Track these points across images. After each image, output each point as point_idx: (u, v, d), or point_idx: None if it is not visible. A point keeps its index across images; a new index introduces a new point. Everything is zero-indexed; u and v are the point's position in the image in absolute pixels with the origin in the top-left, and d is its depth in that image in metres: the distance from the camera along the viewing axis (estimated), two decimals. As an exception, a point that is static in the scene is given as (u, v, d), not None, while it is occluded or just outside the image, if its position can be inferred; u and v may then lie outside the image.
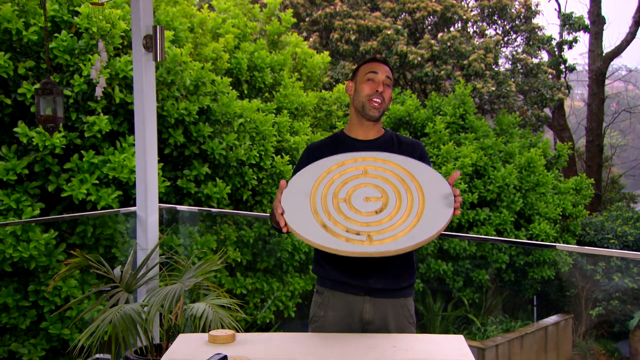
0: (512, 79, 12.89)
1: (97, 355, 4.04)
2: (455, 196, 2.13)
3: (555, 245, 7.67)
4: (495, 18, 13.98)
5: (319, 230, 2.01)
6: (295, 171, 2.58)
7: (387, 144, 2.55)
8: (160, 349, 3.58)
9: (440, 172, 2.25)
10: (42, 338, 4.80)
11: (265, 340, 2.23)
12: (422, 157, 2.55)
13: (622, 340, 8.14)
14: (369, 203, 2.11)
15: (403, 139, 2.60)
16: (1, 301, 4.62)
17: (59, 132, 5.08)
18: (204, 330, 3.22)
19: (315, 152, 2.55)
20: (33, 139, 5.00)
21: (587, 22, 14.96)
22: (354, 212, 2.07)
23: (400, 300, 2.54)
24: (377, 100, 2.48)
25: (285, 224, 2.08)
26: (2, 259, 4.62)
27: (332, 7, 12.86)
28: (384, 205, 2.10)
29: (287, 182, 2.22)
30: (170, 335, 3.50)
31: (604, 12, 15.64)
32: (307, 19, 13.16)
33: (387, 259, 2.47)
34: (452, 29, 13.44)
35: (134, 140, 4.40)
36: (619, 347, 8.05)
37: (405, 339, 2.28)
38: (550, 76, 13.65)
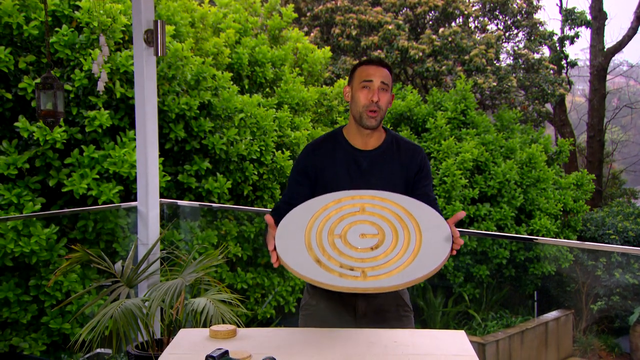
0: (514, 75, 12.87)
1: (98, 350, 4.05)
2: (454, 237, 2.12)
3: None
4: (497, 13, 13.95)
5: (312, 265, 2.00)
6: (294, 169, 2.57)
7: (386, 153, 2.51)
8: (162, 344, 3.58)
9: (441, 214, 2.23)
10: (43, 332, 4.80)
11: (266, 335, 2.23)
12: (422, 166, 2.51)
13: (623, 335, 8.15)
14: (364, 240, 2.09)
15: (403, 145, 2.54)
16: (2, 296, 4.63)
17: (60, 126, 5.08)
18: (205, 325, 3.22)
19: (313, 157, 2.52)
20: (34, 134, 5.00)
21: (588, 17, 14.93)
22: (349, 249, 2.05)
23: (393, 292, 2.53)
24: (374, 110, 2.42)
25: (277, 259, 2.06)
26: (3, 253, 4.62)
27: (333, 2, 12.83)
28: (380, 242, 2.08)
29: (271, 217, 2.18)
30: (171, 330, 3.51)
31: (605, 8, 15.63)
32: (308, 14, 13.14)
33: None
34: (453, 24, 13.41)
35: (135, 135, 4.40)
36: (620, 342, 8.06)
37: (406, 334, 2.28)
38: (551, 71, 13.63)
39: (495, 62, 12.77)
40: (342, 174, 2.48)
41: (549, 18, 42.49)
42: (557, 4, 16.45)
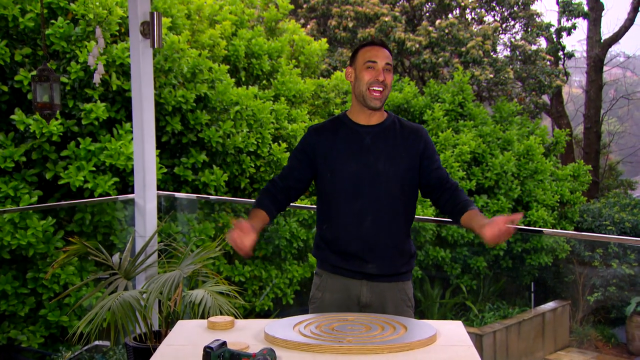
0: (510, 66, 12.85)
1: (97, 342, 4.05)
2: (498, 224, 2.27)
3: (542, 231, 7.71)
4: (494, 5, 13.92)
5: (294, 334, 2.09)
6: (295, 151, 2.59)
7: (389, 129, 2.52)
8: (160, 336, 3.59)
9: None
10: (41, 325, 4.81)
11: (264, 326, 2.23)
12: (427, 144, 2.53)
13: (619, 326, 8.18)
14: (351, 329, 2.17)
15: (406, 124, 2.56)
16: (0, 288, 4.63)
17: (56, 119, 5.07)
18: (202, 317, 3.22)
19: (315, 136, 2.54)
20: (30, 127, 4.98)
21: (585, 8, 14.90)
22: (334, 331, 2.14)
23: (398, 284, 2.55)
24: (379, 89, 2.43)
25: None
26: (1, 246, 4.62)
27: (330, -7, 12.80)
28: (367, 329, 2.16)
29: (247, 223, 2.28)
30: (169, 322, 3.51)
31: (602, -1, 15.58)
32: (304, 6, 13.09)
33: (384, 246, 2.48)
34: (450, 15, 13.38)
35: (132, 128, 4.39)
36: (616, 333, 8.09)
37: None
38: (548, 63, 13.62)
39: (492, 53, 12.75)
40: (343, 151, 2.49)
41: (546, 9, 42.48)
42: (554, -5, 16.42)
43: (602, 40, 15.62)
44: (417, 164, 2.51)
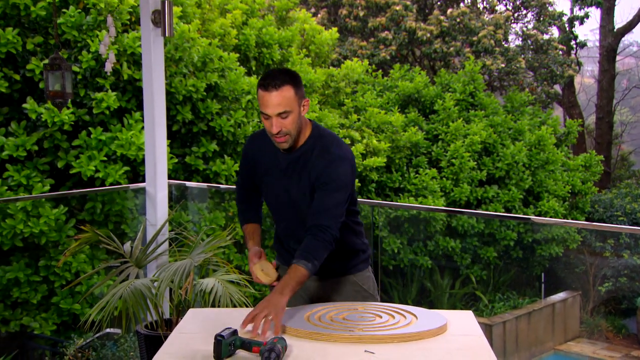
0: (522, 56, 12.77)
1: (108, 330, 4.08)
2: None
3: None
4: (506, -7, 13.82)
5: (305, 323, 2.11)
6: (241, 160, 2.64)
7: (303, 156, 2.39)
8: (171, 324, 3.61)
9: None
10: (53, 312, 4.85)
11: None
12: (321, 174, 2.34)
13: (630, 317, 8.16)
14: (361, 317, 2.19)
15: (319, 147, 2.39)
16: (13, 276, 4.67)
17: (67, 108, 5.09)
18: (213, 305, 3.24)
19: (250, 144, 2.58)
20: (42, 115, 5.01)
21: (598, -3, 14.76)
22: (345, 320, 2.15)
23: (348, 277, 2.56)
24: (280, 137, 2.30)
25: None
26: (13, 234, 4.65)
27: (341, -18, 12.74)
28: (377, 318, 2.18)
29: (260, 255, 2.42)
30: (180, 310, 3.53)
31: (616, -13, 15.43)
32: (315, -5, 13.05)
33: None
34: (461, 4, 13.29)
35: (142, 117, 4.40)
36: (627, 323, 8.06)
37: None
38: (560, 52, 13.51)
39: (503, 43, 12.67)
40: (269, 171, 2.49)
41: (559, -2, 42.01)
42: (566, -16, 16.27)
43: (615, 30, 15.47)
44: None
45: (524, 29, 13.88)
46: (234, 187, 5.97)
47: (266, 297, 2.15)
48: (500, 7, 13.90)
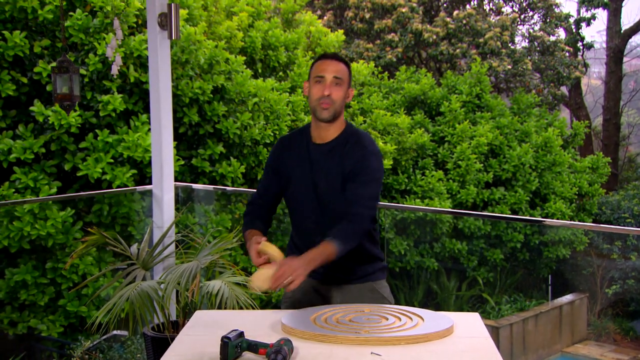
0: (529, 57, 12.74)
1: (115, 332, 4.09)
2: None
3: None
4: (512, -5, 13.80)
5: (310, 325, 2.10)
6: (266, 168, 2.67)
7: (335, 148, 2.46)
8: (177, 326, 3.62)
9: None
10: (61, 315, 4.86)
11: (281, 317, 2.24)
12: (356, 164, 2.40)
13: (638, 319, 8.12)
14: (368, 319, 2.18)
15: (353, 140, 2.46)
16: (20, 278, 4.69)
17: (75, 110, 5.11)
18: (219, 308, 3.24)
19: (278, 149, 2.61)
20: (49, 118, 5.03)
21: (605, -2, 14.72)
22: (351, 322, 2.14)
23: (367, 284, 2.57)
24: (325, 103, 2.40)
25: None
26: (21, 236, 4.67)
27: (347, -16, 12.75)
28: (383, 319, 2.17)
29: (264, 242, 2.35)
30: (186, 312, 3.53)
31: (622, -11, 15.38)
32: (321, -3, 13.06)
33: (343, 258, 2.39)
34: (467, 6, 13.28)
35: (149, 119, 4.41)
36: (634, 326, 8.03)
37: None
38: (567, 54, 13.48)
39: (510, 44, 12.65)
40: (297, 168, 2.52)
41: (565, 0, 41.95)
42: (573, -14, 16.22)
43: (622, 31, 15.42)
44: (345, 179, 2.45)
45: (531, 30, 13.86)
46: (241, 189, 6.01)
47: (292, 260, 2.21)
48: (506, 9, 13.87)
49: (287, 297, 2.64)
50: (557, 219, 8.68)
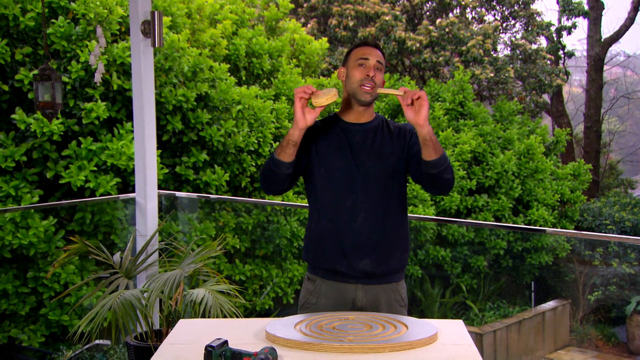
0: (511, 65, 12.86)
1: (97, 341, 4.06)
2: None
3: (545, 230, 7.71)
4: (494, 4, 13.92)
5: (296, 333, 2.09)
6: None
7: (377, 127, 2.56)
8: (161, 335, 3.60)
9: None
10: (42, 324, 4.81)
11: (265, 325, 2.24)
12: (413, 134, 2.52)
13: (619, 325, 8.18)
14: (352, 327, 2.18)
15: (393, 125, 2.60)
16: (1, 287, 4.63)
17: (57, 118, 5.07)
18: (203, 316, 3.23)
19: (309, 130, 2.50)
20: (31, 126, 4.99)
21: (586, 7, 14.91)
22: (335, 330, 2.14)
23: (391, 285, 2.57)
24: (369, 84, 2.47)
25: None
26: (2, 245, 4.62)
27: (330, -8, 12.79)
28: (367, 327, 2.16)
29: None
30: (170, 320, 3.52)
31: (602, -2, 15.57)
32: (305, 5, 13.10)
33: (377, 242, 2.48)
34: (450, 14, 13.38)
35: (133, 127, 4.39)
36: (616, 332, 8.09)
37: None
38: (548, 62, 13.62)
39: (492, 52, 12.76)
40: (335, 148, 2.52)
41: (546, 8, 42.46)
42: (554, -5, 16.41)
43: (602, 40, 15.61)
44: (405, 155, 2.53)
45: (513, 38, 13.99)
46: (225, 197, 5.99)
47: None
48: (488, 17, 14.00)
49: (310, 304, 2.58)
50: (540, 225, 8.74)
